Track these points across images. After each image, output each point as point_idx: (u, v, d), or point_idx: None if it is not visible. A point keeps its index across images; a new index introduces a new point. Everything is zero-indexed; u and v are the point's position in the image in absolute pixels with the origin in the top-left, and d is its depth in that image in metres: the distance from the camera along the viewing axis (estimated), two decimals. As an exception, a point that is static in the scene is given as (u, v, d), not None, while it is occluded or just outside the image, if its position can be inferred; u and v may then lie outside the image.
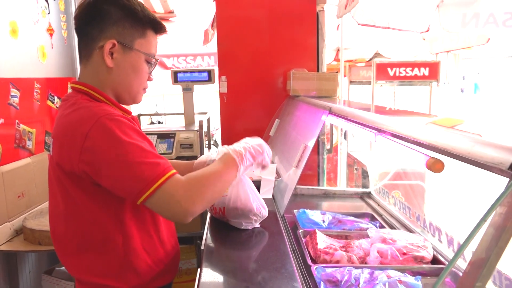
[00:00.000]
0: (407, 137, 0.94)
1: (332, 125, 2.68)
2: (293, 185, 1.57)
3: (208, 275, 1.07)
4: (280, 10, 2.67)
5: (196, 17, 5.60)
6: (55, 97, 2.53)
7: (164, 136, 2.66)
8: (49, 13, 2.51)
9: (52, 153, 1.02)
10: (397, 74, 4.18)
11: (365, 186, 2.09)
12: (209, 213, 1.48)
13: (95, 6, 1.03)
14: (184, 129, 2.71)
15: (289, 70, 2.53)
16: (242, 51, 2.69)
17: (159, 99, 8.89)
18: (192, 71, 2.86)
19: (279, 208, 1.60)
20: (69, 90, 1.12)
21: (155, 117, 6.99)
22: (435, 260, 1.25)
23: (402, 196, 1.98)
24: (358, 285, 1.04)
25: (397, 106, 4.31)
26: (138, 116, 2.97)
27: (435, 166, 0.84)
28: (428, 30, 3.36)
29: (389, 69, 4.20)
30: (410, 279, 1.05)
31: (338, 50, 5.14)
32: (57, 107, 2.51)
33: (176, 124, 3.01)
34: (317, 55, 2.73)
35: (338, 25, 3.77)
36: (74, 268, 1.06)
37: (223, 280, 1.07)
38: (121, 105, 1.10)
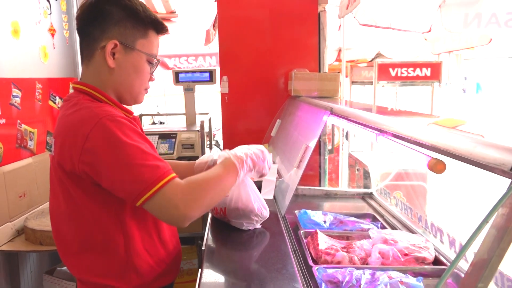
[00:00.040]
0: (409, 138, 0.94)
1: (334, 126, 2.68)
2: (295, 186, 1.57)
3: (209, 276, 1.07)
4: (282, 11, 2.66)
5: (198, 18, 5.59)
6: (57, 97, 2.53)
7: (166, 136, 2.66)
8: (51, 13, 2.51)
9: (54, 153, 1.03)
10: (399, 75, 4.18)
11: (367, 187, 2.09)
12: (210, 214, 1.48)
13: (97, 7, 1.03)
14: (186, 130, 2.71)
15: (291, 71, 2.52)
16: (244, 52, 2.69)
17: (161, 99, 8.92)
18: (194, 72, 2.87)
19: (280, 209, 1.60)
20: (71, 90, 1.12)
21: (157, 117, 7.00)
22: (437, 261, 1.24)
23: (404, 197, 1.97)
24: (360, 286, 1.04)
25: (399, 107, 4.30)
26: (140, 117, 2.98)
27: (437, 167, 0.84)
28: (430, 31, 3.35)
29: (391, 70, 4.20)
30: (412, 280, 1.05)
31: (340, 51, 5.15)
32: (59, 107, 2.52)
33: (178, 125, 3.02)
34: (319, 56, 2.72)
35: (340, 26, 3.76)
36: (76, 268, 1.06)
37: (224, 281, 1.07)
38: (123, 106, 1.10)
